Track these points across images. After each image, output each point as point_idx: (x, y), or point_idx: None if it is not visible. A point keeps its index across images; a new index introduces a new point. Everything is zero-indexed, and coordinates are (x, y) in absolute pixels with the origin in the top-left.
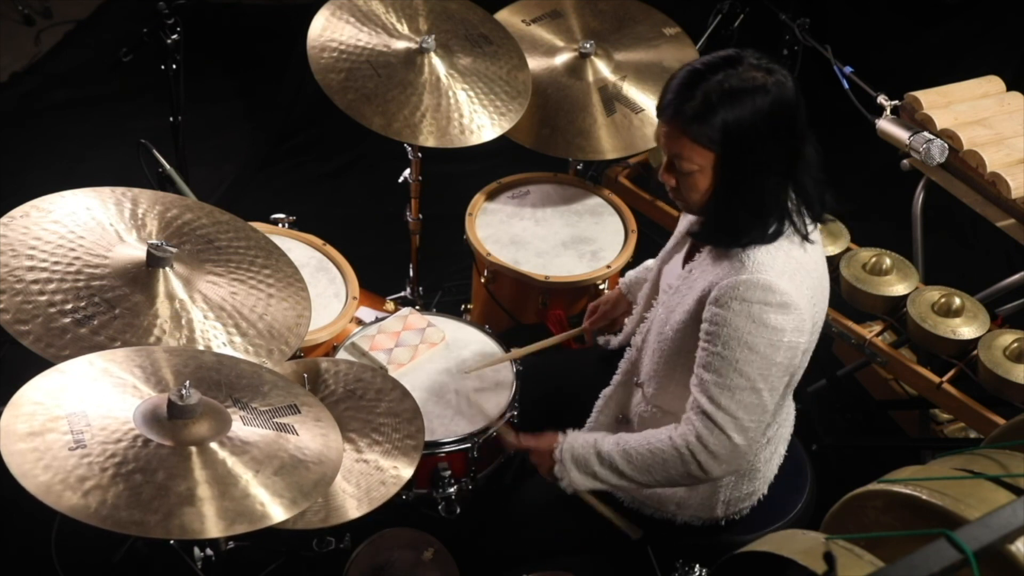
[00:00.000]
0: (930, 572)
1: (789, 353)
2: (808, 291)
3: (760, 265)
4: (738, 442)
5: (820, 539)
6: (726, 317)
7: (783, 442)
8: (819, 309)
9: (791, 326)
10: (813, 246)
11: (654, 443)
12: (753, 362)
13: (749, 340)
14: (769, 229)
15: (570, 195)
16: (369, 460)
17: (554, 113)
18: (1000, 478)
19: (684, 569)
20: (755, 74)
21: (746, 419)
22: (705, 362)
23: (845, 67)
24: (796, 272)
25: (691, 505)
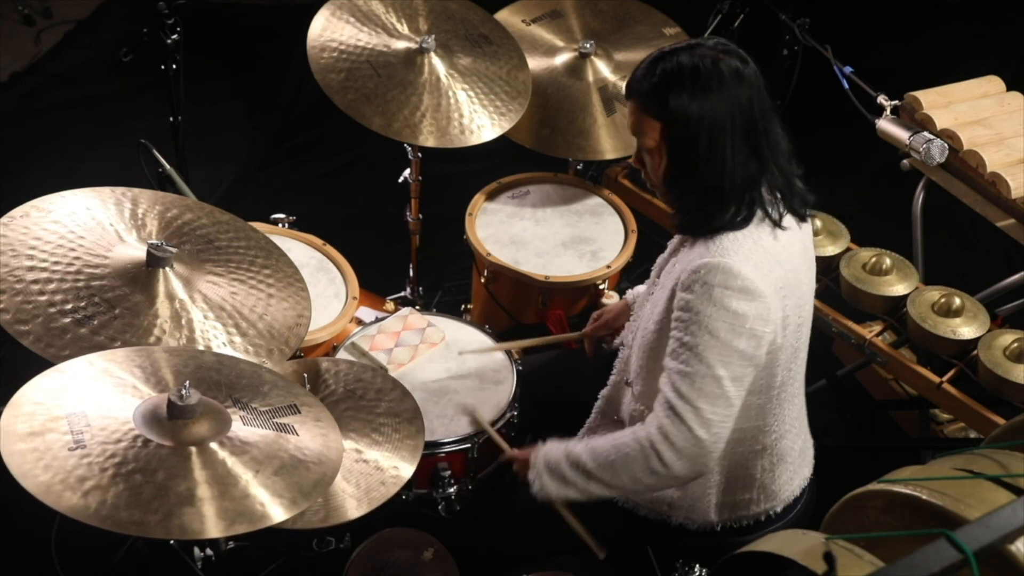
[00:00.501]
0: (930, 572)
1: (752, 342)
2: (777, 280)
3: (724, 249)
4: (700, 435)
5: (820, 539)
6: (690, 301)
7: (802, 462)
8: (791, 303)
9: (754, 312)
10: (788, 235)
11: (619, 439)
12: (713, 347)
13: (709, 324)
14: (737, 215)
15: (570, 195)
16: (369, 460)
17: (554, 113)
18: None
19: (684, 569)
20: (710, 53)
21: (708, 410)
22: (671, 349)
23: (845, 67)
24: (764, 260)
25: (683, 506)
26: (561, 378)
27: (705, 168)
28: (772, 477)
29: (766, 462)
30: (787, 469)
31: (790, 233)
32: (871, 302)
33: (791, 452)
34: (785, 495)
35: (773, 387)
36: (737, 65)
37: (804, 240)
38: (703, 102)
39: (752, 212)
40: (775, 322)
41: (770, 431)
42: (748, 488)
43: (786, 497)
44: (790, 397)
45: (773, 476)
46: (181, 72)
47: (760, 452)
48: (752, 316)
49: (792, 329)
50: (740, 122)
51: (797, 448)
